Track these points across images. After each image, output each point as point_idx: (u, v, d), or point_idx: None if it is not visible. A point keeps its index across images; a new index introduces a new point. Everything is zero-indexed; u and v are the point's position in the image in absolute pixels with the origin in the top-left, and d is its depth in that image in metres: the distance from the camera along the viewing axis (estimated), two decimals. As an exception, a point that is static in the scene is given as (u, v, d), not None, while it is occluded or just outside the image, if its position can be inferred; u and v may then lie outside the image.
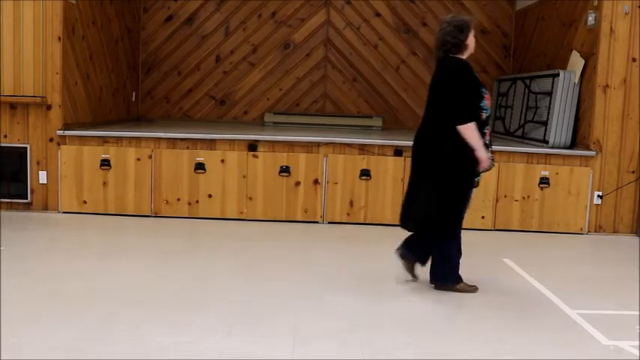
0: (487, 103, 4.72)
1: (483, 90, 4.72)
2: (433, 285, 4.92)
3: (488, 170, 4.88)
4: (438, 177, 4.66)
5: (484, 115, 4.69)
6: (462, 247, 4.94)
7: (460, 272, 4.86)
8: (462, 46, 4.64)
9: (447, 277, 4.86)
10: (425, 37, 10.23)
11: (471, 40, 4.67)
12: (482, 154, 4.59)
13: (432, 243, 4.86)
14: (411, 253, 4.96)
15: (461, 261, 4.90)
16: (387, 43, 10.28)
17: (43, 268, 5.16)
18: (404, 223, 4.92)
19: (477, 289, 4.91)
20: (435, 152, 4.66)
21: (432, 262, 4.92)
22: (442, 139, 4.61)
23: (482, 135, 4.66)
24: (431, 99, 4.75)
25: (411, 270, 5.03)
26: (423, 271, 5.01)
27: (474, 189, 4.92)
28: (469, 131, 4.53)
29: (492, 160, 4.82)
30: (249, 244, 6.35)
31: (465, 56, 4.69)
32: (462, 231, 4.58)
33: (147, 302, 4.40)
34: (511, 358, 3.69)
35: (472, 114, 4.57)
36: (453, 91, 4.59)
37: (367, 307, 4.48)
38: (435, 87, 4.74)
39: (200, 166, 7.31)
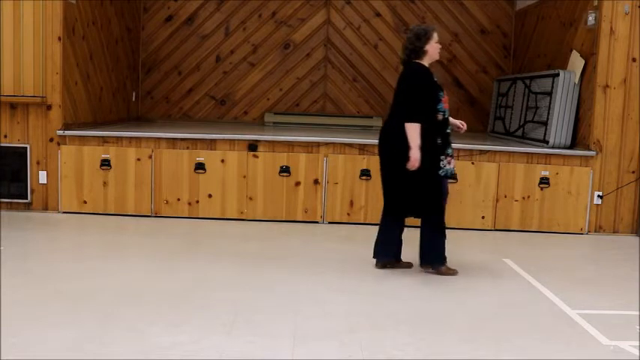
0: (444, 105, 5.09)
1: (441, 93, 5.11)
2: (423, 268, 5.34)
3: (449, 177, 5.25)
4: (401, 170, 5.06)
5: (441, 117, 5.07)
6: (458, 246, 4.95)
7: (459, 272, 4.88)
8: (420, 53, 5.12)
9: (435, 259, 5.27)
10: (425, 37, 10.21)
11: (431, 47, 5.14)
12: (415, 153, 4.95)
13: (399, 234, 5.36)
14: (386, 257, 5.40)
15: (458, 259, 4.90)
16: (387, 43, 10.28)
17: (43, 268, 5.16)
18: (395, 213, 5.39)
19: (457, 272, 5.28)
20: (395, 148, 5.06)
21: (424, 247, 5.31)
22: (401, 136, 5.00)
23: (446, 135, 5.11)
24: (394, 100, 5.23)
25: (401, 265, 5.44)
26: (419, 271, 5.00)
27: (448, 180, 5.34)
28: (412, 130, 4.97)
29: (452, 156, 5.17)
30: (249, 244, 6.35)
31: (425, 62, 5.14)
32: (463, 230, 4.61)
33: (147, 302, 4.40)
34: (511, 358, 3.69)
35: (420, 115, 4.98)
36: (407, 93, 5.06)
37: (367, 307, 4.48)
38: (397, 90, 5.22)
39: (200, 166, 7.31)
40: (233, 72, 10.32)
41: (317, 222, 7.34)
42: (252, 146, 7.38)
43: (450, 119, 5.30)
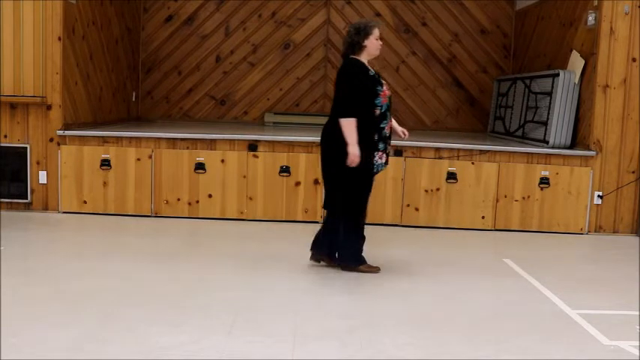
0: (382, 100, 5.02)
1: (379, 88, 5.03)
2: (340, 267, 5.29)
3: (377, 172, 5.16)
4: (337, 166, 5.03)
5: (378, 112, 5.00)
6: (458, 246, 4.94)
7: (456, 271, 4.87)
8: (358, 48, 5.02)
9: (351, 259, 5.24)
10: (425, 37, 10.23)
11: (371, 43, 5.03)
12: (353, 149, 4.89)
13: (337, 229, 5.21)
14: (322, 252, 5.36)
15: (458, 259, 4.90)
16: (387, 43, 10.26)
17: (43, 268, 5.16)
18: (324, 205, 5.41)
19: (379, 269, 5.28)
20: (333, 144, 5.04)
21: (337, 245, 5.25)
22: (338, 132, 4.96)
23: (381, 129, 5.02)
24: (334, 96, 5.18)
25: (330, 262, 5.39)
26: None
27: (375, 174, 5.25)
28: (347, 126, 4.91)
29: (387, 154, 5.16)
30: (249, 244, 6.35)
31: (363, 57, 5.05)
32: (463, 231, 4.59)
33: (147, 302, 4.40)
34: (511, 358, 3.69)
35: (354, 111, 4.92)
36: (342, 88, 4.98)
37: (367, 307, 4.48)
38: (335, 85, 5.13)
39: (200, 166, 7.31)
40: (233, 72, 10.32)
41: (317, 222, 7.33)
42: (252, 146, 7.38)
43: (394, 125, 5.27)
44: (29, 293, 4.48)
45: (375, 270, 5.29)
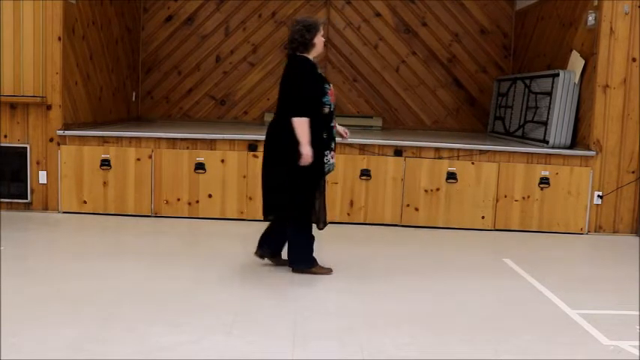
0: (330, 98, 5.02)
1: (327, 86, 5.03)
2: (291, 268, 5.21)
3: (327, 172, 5.11)
4: (285, 167, 4.96)
5: (327, 110, 5.00)
6: (458, 246, 4.94)
7: (456, 270, 4.86)
8: (308, 45, 4.99)
9: (301, 261, 5.17)
10: (425, 37, 10.22)
11: (318, 40, 5.02)
12: (306, 150, 4.85)
13: (286, 230, 5.18)
14: (266, 249, 5.33)
15: (459, 259, 4.90)
16: (387, 43, 10.28)
17: (43, 268, 5.16)
18: (265, 215, 5.27)
19: (331, 271, 5.21)
20: (281, 144, 4.97)
21: (287, 246, 5.20)
22: (287, 131, 4.90)
23: (331, 128, 5.05)
24: (279, 95, 5.09)
25: (275, 261, 5.37)
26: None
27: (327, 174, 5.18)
28: (300, 125, 4.86)
29: (333, 151, 5.11)
30: (249, 244, 6.34)
31: (311, 55, 5.04)
32: (463, 231, 4.59)
33: (147, 302, 4.40)
34: (511, 358, 3.69)
35: (308, 110, 4.88)
36: (293, 87, 4.94)
37: (367, 307, 4.48)
38: (282, 84, 5.07)
39: (200, 166, 7.31)
40: (233, 72, 10.32)
41: (317, 222, 7.34)
42: (252, 146, 7.38)
43: (337, 125, 5.25)
44: (29, 293, 4.48)
45: (326, 272, 5.20)
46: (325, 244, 6.45)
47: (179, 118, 10.31)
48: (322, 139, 4.97)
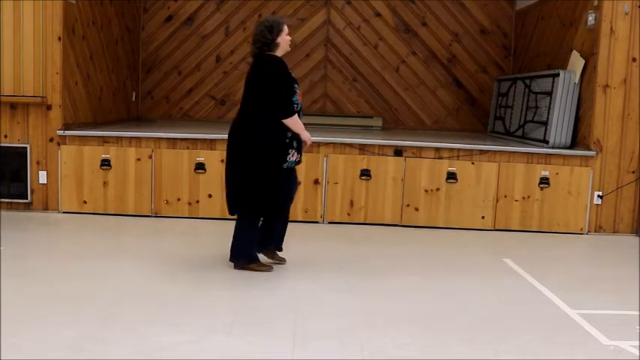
0: (299, 98, 5.08)
1: (296, 86, 5.08)
2: (233, 264, 5.25)
3: (287, 168, 5.11)
4: (248, 164, 5.00)
5: (296, 109, 5.06)
6: (459, 246, 4.93)
7: (456, 270, 4.86)
8: (272, 45, 5.00)
9: (242, 255, 5.20)
10: (425, 37, 10.22)
11: (283, 40, 5.03)
12: (305, 135, 5.09)
13: (274, 222, 5.25)
14: (271, 247, 5.38)
15: (459, 259, 4.89)
16: (387, 43, 10.28)
17: (43, 268, 5.16)
18: (230, 211, 5.26)
19: (271, 268, 5.23)
20: (251, 144, 4.99)
21: (233, 238, 5.24)
22: (253, 130, 4.97)
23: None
24: (246, 93, 5.08)
25: (275, 258, 5.42)
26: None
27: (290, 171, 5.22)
28: (294, 122, 4.98)
29: (300, 153, 5.19)
30: (249, 244, 6.33)
31: (279, 54, 5.05)
32: (463, 231, 4.58)
33: (147, 302, 4.40)
34: (511, 358, 3.69)
35: (292, 107, 4.97)
36: (272, 87, 4.94)
37: (367, 307, 4.48)
38: (250, 82, 5.04)
39: (200, 166, 7.31)
40: (233, 72, 10.31)
41: (317, 222, 7.34)
42: (252, 146, 7.37)
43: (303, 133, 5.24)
44: (29, 293, 4.48)
45: (266, 269, 5.21)
46: (325, 243, 6.46)
47: (179, 118, 10.31)
48: (286, 139, 5.02)
